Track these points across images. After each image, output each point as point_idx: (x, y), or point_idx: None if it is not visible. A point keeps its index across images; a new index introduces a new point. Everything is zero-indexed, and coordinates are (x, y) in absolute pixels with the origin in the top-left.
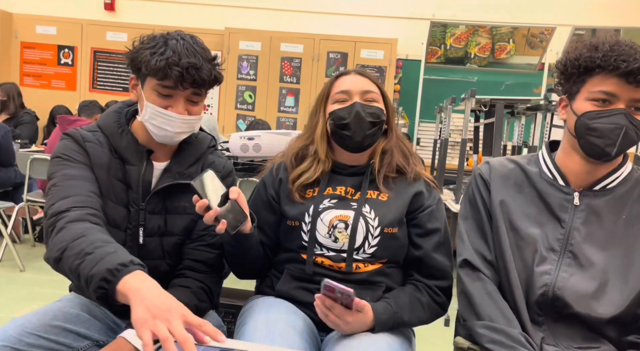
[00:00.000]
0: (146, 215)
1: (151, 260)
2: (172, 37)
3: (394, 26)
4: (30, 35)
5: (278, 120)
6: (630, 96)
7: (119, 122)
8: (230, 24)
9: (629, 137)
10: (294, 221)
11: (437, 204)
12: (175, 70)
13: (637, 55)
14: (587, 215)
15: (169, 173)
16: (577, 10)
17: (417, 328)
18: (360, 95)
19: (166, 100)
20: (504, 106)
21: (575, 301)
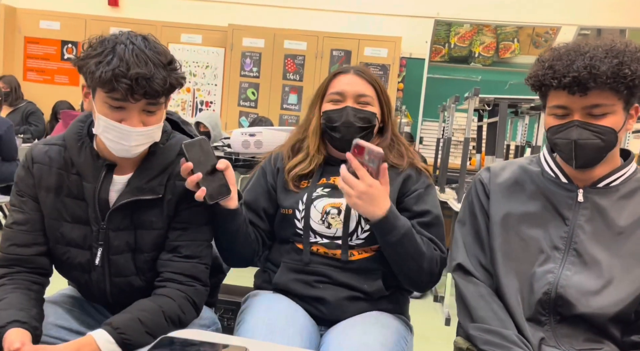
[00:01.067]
0: (109, 233)
1: (124, 277)
2: (120, 41)
3: (398, 24)
4: (34, 30)
5: (281, 117)
6: (581, 104)
7: (79, 133)
8: (233, 21)
9: (586, 147)
10: (287, 209)
11: (427, 189)
12: (123, 83)
13: (578, 64)
14: (592, 213)
15: (128, 188)
16: (583, 9)
17: (417, 327)
18: (353, 99)
19: (118, 112)
20: (507, 105)
21: (578, 299)
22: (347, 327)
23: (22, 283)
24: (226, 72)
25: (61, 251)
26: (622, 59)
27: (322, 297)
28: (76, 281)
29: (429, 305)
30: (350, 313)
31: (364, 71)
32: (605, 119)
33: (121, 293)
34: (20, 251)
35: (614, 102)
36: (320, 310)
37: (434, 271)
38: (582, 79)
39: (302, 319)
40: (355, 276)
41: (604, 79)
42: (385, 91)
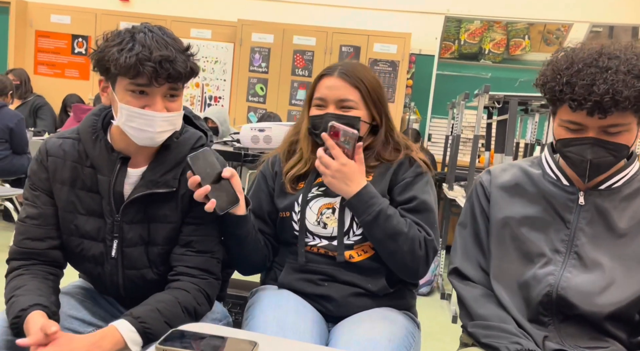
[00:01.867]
0: (123, 226)
1: (137, 270)
2: (139, 30)
3: (408, 20)
4: (45, 24)
5: (289, 113)
6: (598, 124)
7: (94, 127)
8: (243, 16)
9: (601, 166)
10: (284, 212)
11: (416, 177)
12: (148, 66)
13: (598, 85)
14: (593, 215)
15: (143, 182)
16: (595, 6)
17: (425, 324)
18: (335, 104)
19: (142, 99)
20: (517, 103)
21: (579, 300)
22: (355, 323)
23: (38, 272)
24: (235, 67)
25: (75, 243)
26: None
27: (328, 295)
28: (89, 273)
29: (436, 303)
30: (357, 309)
31: (349, 72)
32: (620, 137)
33: (134, 285)
34: (33, 245)
35: (631, 120)
36: (327, 307)
37: (417, 253)
38: (604, 104)
39: (311, 315)
40: (358, 275)
41: (627, 104)
42: (375, 90)
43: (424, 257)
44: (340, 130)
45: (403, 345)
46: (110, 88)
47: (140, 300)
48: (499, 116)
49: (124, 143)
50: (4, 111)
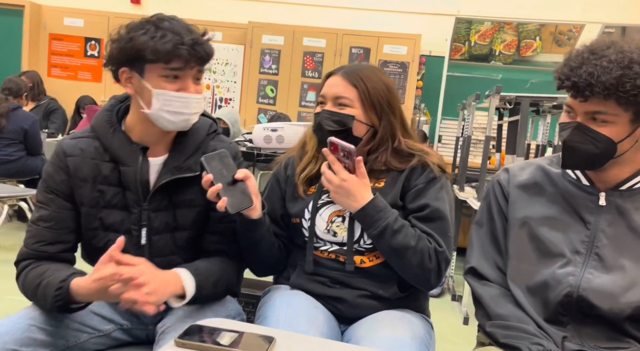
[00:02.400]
0: (150, 214)
1: (163, 257)
2: (160, 19)
3: (418, 22)
4: (59, 27)
5: (299, 114)
6: (583, 109)
7: (110, 121)
8: (253, 18)
9: (576, 150)
10: (295, 218)
11: (428, 183)
12: (183, 50)
13: (583, 69)
14: (614, 217)
15: (167, 168)
16: (608, 7)
17: (436, 326)
18: (332, 101)
19: (176, 83)
20: (529, 104)
21: (600, 301)
22: (374, 323)
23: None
24: (245, 69)
25: (100, 237)
26: (626, 72)
27: (340, 296)
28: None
29: (447, 304)
30: (370, 311)
31: (352, 72)
32: (605, 127)
33: None
34: (44, 248)
35: (617, 112)
36: (339, 308)
37: (427, 266)
38: (580, 85)
39: (322, 316)
40: (369, 281)
41: (600, 89)
42: (377, 92)
43: (435, 269)
44: (339, 145)
45: (424, 344)
46: (135, 78)
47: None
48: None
49: (143, 134)
50: (19, 113)
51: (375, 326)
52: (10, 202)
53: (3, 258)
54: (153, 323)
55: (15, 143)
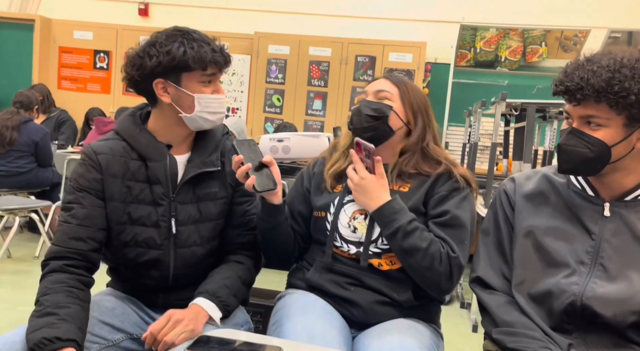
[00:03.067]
0: (177, 206)
1: (188, 248)
2: (185, 32)
3: (423, 29)
4: (68, 40)
5: (305, 123)
6: (577, 113)
7: (135, 123)
8: (259, 29)
9: (571, 154)
10: (320, 211)
11: (452, 192)
12: (218, 57)
13: (576, 73)
14: (618, 227)
15: (193, 163)
16: (613, 12)
17: (445, 334)
18: (373, 94)
19: (210, 86)
20: (535, 110)
21: (603, 309)
22: (383, 332)
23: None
24: (252, 78)
25: (128, 230)
26: (615, 75)
27: (354, 300)
28: (137, 263)
29: (455, 312)
30: (382, 317)
31: (392, 75)
32: (598, 131)
33: (184, 264)
34: (77, 245)
35: (610, 116)
36: (352, 312)
37: (438, 269)
38: (571, 89)
39: (338, 322)
40: (385, 282)
41: (591, 92)
42: (416, 95)
43: (446, 274)
44: (362, 144)
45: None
46: (172, 87)
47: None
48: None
49: (169, 135)
50: (30, 125)
51: (383, 336)
52: (21, 213)
53: (15, 269)
54: None
55: (26, 156)
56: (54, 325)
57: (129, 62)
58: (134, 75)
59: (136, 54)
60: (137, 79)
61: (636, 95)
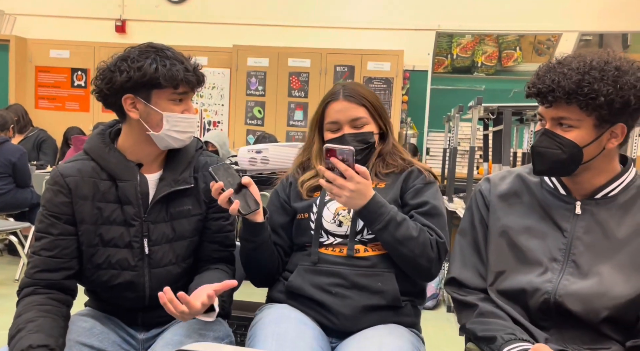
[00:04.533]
0: (149, 226)
1: (163, 267)
2: (159, 49)
3: (400, 38)
4: (45, 59)
5: (287, 134)
6: (549, 115)
7: (104, 141)
8: (238, 41)
9: (545, 155)
10: (303, 213)
11: (426, 185)
12: (190, 76)
13: (548, 76)
14: (589, 225)
15: (165, 182)
16: (584, 16)
17: (431, 338)
18: (349, 124)
19: (181, 105)
20: (512, 113)
21: (576, 306)
22: (362, 340)
23: (51, 304)
24: (232, 91)
25: (100, 253)
26: (584, 77)
27: (334, 306)
28: (112, 286)
29: (442, 316)
30: (362, 324)
31: (352, 93)
32: (570, 132)
33: (159, 284)
34: (47, 276)
35: (581, 117)
36: (331, 320)
37: (430, 255)
38: (543, 91)
39: (312, 331)
40: (369, 273)
41: (561, 94)
42: (376, 102)
43: (436, 259)
44: (337, 149)
45: None
46: (141, 104)
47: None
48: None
49: (139, 154)
50: (6, 146)
51: (362, 343)
52: (0, 236)
53: None
54: (144, 348)
55: (4, 177)
56: (23, 338)
57: (100, 75)
58: (103, 88)
59: (107, 68)
60: (106, 92)
61: (605, 97)
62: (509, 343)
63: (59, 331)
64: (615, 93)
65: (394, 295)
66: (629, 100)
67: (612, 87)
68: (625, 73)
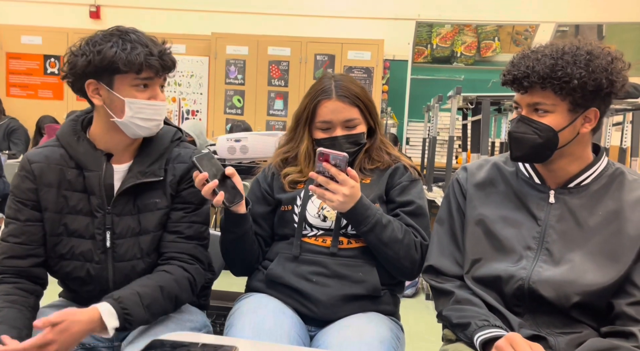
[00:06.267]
0: (113, 218)
1: (127, 261)
2: (124, 32)
3: (380, 27)
4: (16, 46)
5: (267, 123)
6: (525, 102)
7: (74, 129)
8: (216, 29)
9: (522, 141)
10: (287, 205)
11: (411, 183)
12: (154, 60)
13: (522, 63)
14: (562, 213)
15: (131, 174)
16: (560, 6)
17: (411, 325)
18: (341, 125)
19: (146, 91)
20: (490, 103)
21: (548, 292)
22: (343, 328)
23: (18, 294)
24: (211, 80)
25: (64, 243)
26: (557, 61)
27: (313, 294)
28: (74, 276)
29: (421, 304)
30: (341, 313)
31: (346, 92)
32: (545, 117)
33: (124, 279)
34: (15, 263)
35: (556, 102)
36: (310, 309)
37: (414, 257)
38: (518, 77)
39: (290, 320)
40: (351, 263)
41: (536, 79)
42: (367, 100)
43: (419, 260)
44: (330, 154)
45: (392, 346)
46: (104, 89)
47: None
48: (473, 117)
49: (109, 142)
50: None
51: (343, 331)
52: None
53: None
54: (119, 339)
55: None
56: None
57: (67, 60)
58: (67, 73)
59: (72, 52)
60: (70, 77)
61: (578, 80)
62: (482, 328)
63: (24, 323)
64: (587, 77)
65: (374, 286)
66: (601, 83)
67: (584, 70)
68: (596, 57)
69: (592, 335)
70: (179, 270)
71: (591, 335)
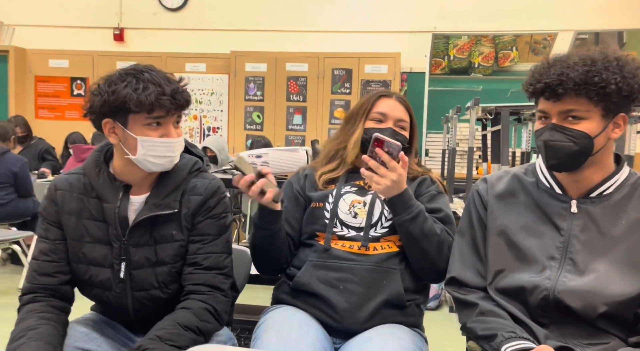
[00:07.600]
0: (130, 249)
1: (145, 291)
2: (139, 70)
3: (397, 40)
4: (44, 69)
5: (287, 138)
6: (557, 109)
7: (97, 161)
8: (235, 47)
9: (557, 149)
10: (318, 202)
11: (439, 194)
12: (165, 100)
13: (552, 70)
14: (585, 223)
15: (147, 206)
16: (579, 14)
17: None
18: (394, 121)
19: (159, 129)
20: (509, 113)
21: (574, 302)
22: (366, 341)
23: (52, 311)
24: (231, 97)
25: (83, 270)
26: (591, 68)
27: (339, 304)
28: (98, 299)
29: (444, 317)
30: (366, 324)
31: (404, 99)
32: (580, 124)
33: (143, 307)
34: (45, 280)
35: (589, 108)
36: (334, 318)
37: (446, 254)
38: (552, 85)
39: (315, 332)
40: (376, 270)
41: (572, 85)
42: (413, 115)
43: (448, 260)
44: (385, 141)
45: None
46: (119, 128)
47: (150, 323)
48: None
49: (127, 174)
50: (8, 156)
51: (366, 344)
52: (3, 245)
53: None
54: None
55: (5, 187)
56: (23, 345)
57: (88, 98)
58: (87, 112)
59: (91, 91)
60: (89, 116)
61: (616, 85)
62: (508, 340)
63: (58, 339)
64: (622, 82)
65: (397, 292)
66: (633, 88)
67: (619, 76)
68: (626, 63)
69: (620, 345)
70: (196, 303)
71: (619, 346)
